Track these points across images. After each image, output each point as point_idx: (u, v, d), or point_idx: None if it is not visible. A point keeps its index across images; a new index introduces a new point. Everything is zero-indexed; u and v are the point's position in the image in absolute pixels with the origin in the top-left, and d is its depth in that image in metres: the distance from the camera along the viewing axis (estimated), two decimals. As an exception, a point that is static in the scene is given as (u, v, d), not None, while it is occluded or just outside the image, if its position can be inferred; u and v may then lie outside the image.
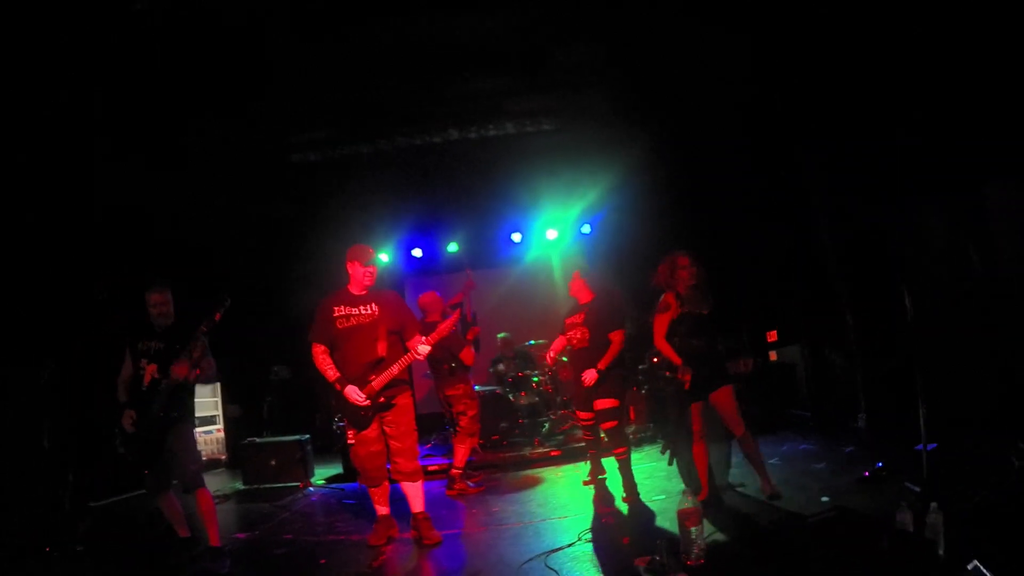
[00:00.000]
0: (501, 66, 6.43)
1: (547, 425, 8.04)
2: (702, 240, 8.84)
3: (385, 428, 4.50)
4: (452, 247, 10.20)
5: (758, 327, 8.50)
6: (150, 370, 4.30)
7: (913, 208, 5.99)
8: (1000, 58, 4.81)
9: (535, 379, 8.09)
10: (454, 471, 6.12)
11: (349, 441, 4.56)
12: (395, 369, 4.40)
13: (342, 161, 7.69)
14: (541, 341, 8.63)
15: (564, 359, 8.24)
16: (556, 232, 10.07)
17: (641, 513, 4.76)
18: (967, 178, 5.42)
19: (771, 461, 4.75)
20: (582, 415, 5.30)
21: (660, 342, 4.63)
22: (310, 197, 8.67)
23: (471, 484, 6.20)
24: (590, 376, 4.93)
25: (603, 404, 5.02)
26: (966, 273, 5.59)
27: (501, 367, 8.52)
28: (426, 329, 5.19)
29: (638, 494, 5.04)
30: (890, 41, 5.42)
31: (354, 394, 4.32)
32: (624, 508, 4.94)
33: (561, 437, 7.87)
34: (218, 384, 9.08)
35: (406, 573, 4.10)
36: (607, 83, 6.96)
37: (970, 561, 2.27)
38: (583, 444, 6.91)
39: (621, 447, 5.08)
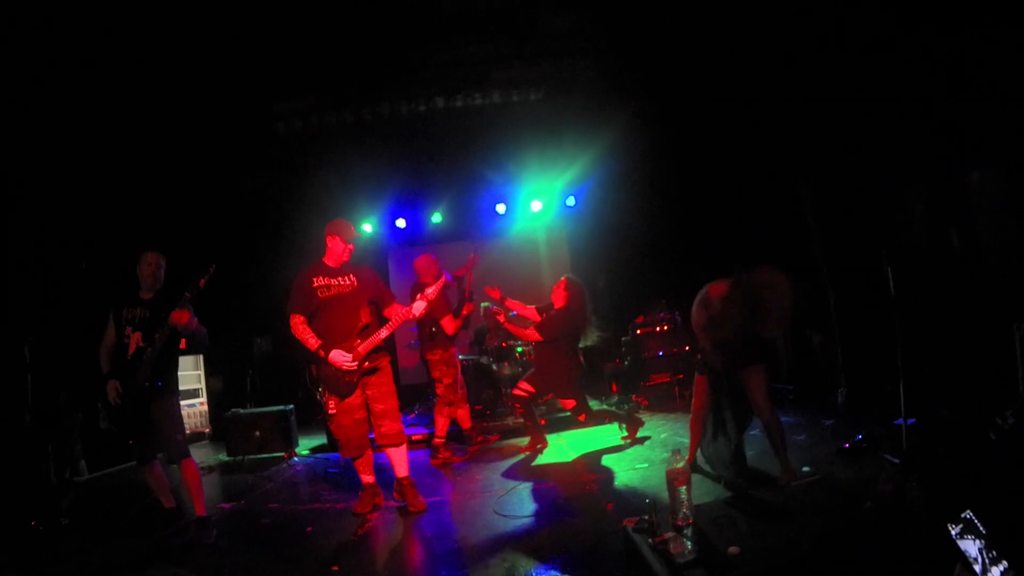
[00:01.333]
0: (489, 32, 6.32)
1: (530, 396, 8.08)
2: (685, 214, 8.90)
3: (367, 392, 4.52)
4: (436, 218, 10.14)
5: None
6: (135, 338, 4.26)
7: (898, 191, 6.04)
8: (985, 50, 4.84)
9: (519, 350, 8.11)
10: (436, 440, 6.16)
11: (330, 412, 4.51)
12: (383, 333, 4.44)
13: (326, 130, 7.57)
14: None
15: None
16: (541, 204, 10.05)
17: (624, 481, 4.82)
18: (952, 165, 5.48)
19: (752, 432, 4.79)
20: (524, 386, 5.97)
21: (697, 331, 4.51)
22: (293, 168, 8.53)
23: (456, 452, 6.23)
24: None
25: (567, 405, 5.98)
26: (947, 255, 5.67)
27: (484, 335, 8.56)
28: (418, 289, 5.42)
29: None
30: (882, 32, 5.43)
31: (340, 357, 4.32)
32: (606, 476, 5.01)
33: (543, 408, 7.92)
34: (201, 357, 9.01)
35: (391, 540, 4.13)
36: (595, 53, 6.88)
37: (962, 513, 2.32)
38: (565, 415, 7.09)
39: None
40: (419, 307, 4.47)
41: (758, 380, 4.17)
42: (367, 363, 4.43)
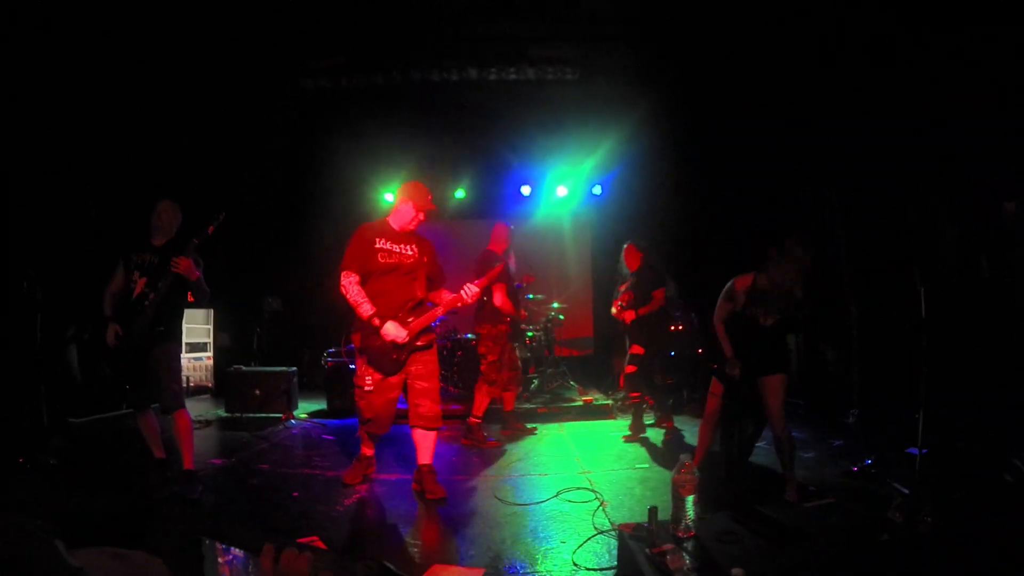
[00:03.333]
0: (529, 9, 6.13)
1: (536, 382, 7.97)
2: (707, 216, 8.69)
3: (410, 368, 4.26)
4: (459, 193, 9.96)
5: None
6: (140, 283, 4.21)
7: (931, 212, 5.85)
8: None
9: (530, 334, 7.98)
10: (472, 420, 5.88)
11: (367, 388, 4.20)
12: (439, 311, 4.30)
13: (354, 92, 7.39)
14: (540, 296, 8.48)
15: (561, 317, 8.22)
16: (566, 190, 9.87)
17: (622, 480, 4.70)
18: (988, 191, 5.29)
19: (760, 444, 4.64)
20: (629, 369, 6.12)
21: (718, 327, 4.36)
22: (317, 128, 8.36)
23: (489, 437, 5.94)
24: (629, 315, 6.02)
25: (633, 349, 6.08)
26: (975, 283, 5.49)
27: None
28: (485, 257, 5.74)
29: (642, 433, 6.04)
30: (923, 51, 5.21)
31: (396, 330, 4.09)
32: (605, 472, 4.89)
33: (548, 396, 7.81)
34: (211, 311, 8.99)
35: (377, 514, 4.04)
36: (631, 39, 6.67)
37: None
38: (568, 405, 6.97)
39: (634, 392, 6.14)
40: (469, 292, 4.20)
41: (777, 389, 4.05)
42: (419, 340, 4.20)
